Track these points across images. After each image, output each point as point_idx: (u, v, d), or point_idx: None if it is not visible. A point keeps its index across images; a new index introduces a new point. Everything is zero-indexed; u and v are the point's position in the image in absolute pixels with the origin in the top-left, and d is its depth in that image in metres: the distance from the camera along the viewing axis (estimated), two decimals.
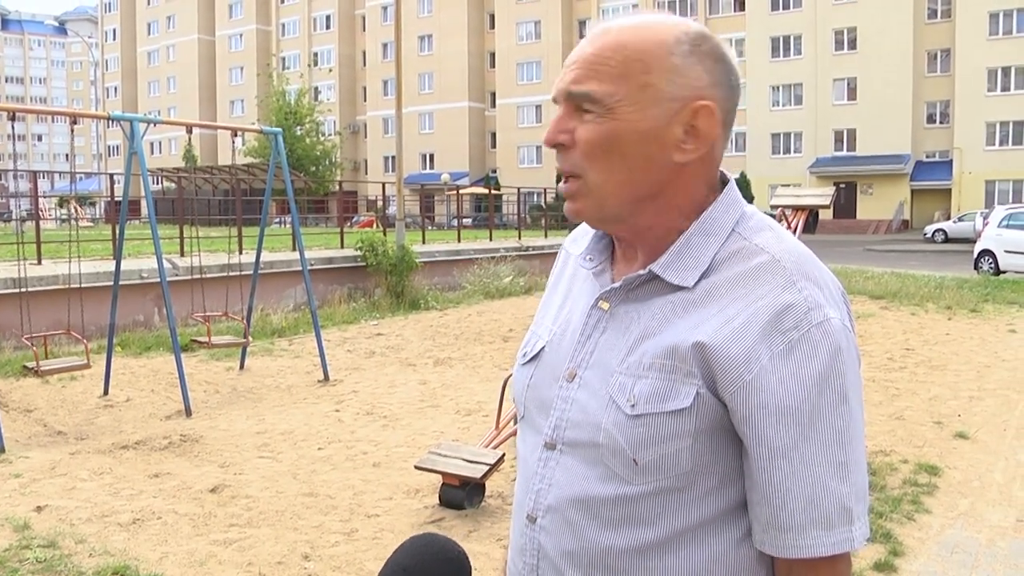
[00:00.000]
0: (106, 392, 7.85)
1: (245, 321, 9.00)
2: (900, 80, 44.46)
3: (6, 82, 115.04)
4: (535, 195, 42.23)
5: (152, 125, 7.79)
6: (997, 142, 42.90)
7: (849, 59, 45.87)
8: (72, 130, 7.26)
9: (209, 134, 64.06)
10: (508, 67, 57.38)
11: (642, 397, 0.99)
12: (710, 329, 0.98)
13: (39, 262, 10.79)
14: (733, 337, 0.96)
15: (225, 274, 10.21)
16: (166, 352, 9.24)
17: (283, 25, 69.76)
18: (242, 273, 9.92)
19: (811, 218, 11.20)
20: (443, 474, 4.71)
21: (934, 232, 37.23)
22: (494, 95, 59.22)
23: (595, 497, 1.03)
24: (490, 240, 19.59)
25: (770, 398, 0.95)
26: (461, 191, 30.51)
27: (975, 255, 18.77)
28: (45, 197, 37.79)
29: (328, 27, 66.90)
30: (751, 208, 1.08)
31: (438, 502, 4.75)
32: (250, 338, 8.95)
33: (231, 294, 9.31)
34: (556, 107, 1.07)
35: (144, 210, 9.18)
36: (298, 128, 43.89)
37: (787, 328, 0.95)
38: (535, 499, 1.09)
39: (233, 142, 9.18)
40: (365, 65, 64.65)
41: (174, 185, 19.07)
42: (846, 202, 45.32)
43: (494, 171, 56.51)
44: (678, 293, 1.02)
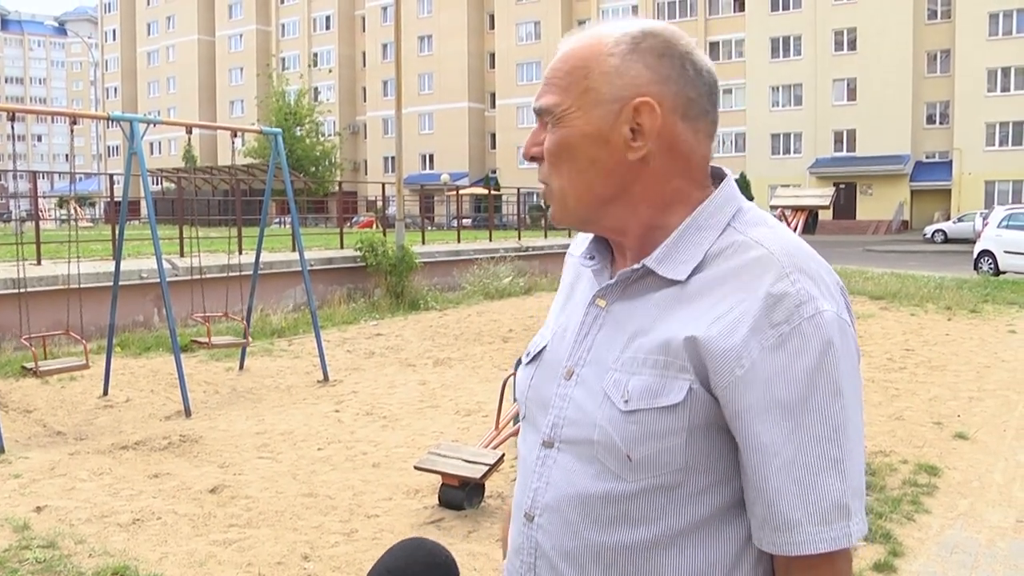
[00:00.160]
0: (106, 392, 7.85)
1: (245, 321, 9.00)
2: (900, 81, 44.50)
3: (6, 82, 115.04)
4: (535, 196, 42.13)
5: (152, 125, 7.79)
6: (997, 143, 42.92)
7: (849, 60, 45.90)
8: (72, 130, 7.25)
9: (209, 134, 64.08)
10: (508, 68, 57.41)
11: (635, 393, 0.99)
12: (702, 324, 0.97)
13: (39, 262, 10.79)
14: (725, 331, 0.96)
15: (225, 274, 10.20)
16: (166, 352, 9.24)
17: (283, 25, 69.78)
18: (242, 273, 9.91)
19: (811, 218, 11.22)
20: (443, 474, 4.71)
21: (934, 233, 37.25)
22: (494, 96, 59.25)
23: (591, 495, 1.02)
24: (490, 240, 19.59)
25: (761, 393, 0.94)
26: (461, 191, 30.52)
27: (975, 255, 18.78)
28: (45, 197, 37.78)
29: (328, 27, 66.92)
30: (749, 204, 1.08)
31: (438, 502, 4.75)
32: (250, 338, 8.95)
33: (231, 294, 9.30)
34: None
35: (144, 210, 9.18)
36: (298, 128, 43.91)
37: (778, 322, 0.94)
38: (533, 498, 1.09)
39: (233, 142, 9.18)
40: (365, 65, 64.68)
41: (174, 185, 19.09)
42: (846, 203, 45.34)
43: (494, 171, 56.52)
44: (672, 288, 1.03)
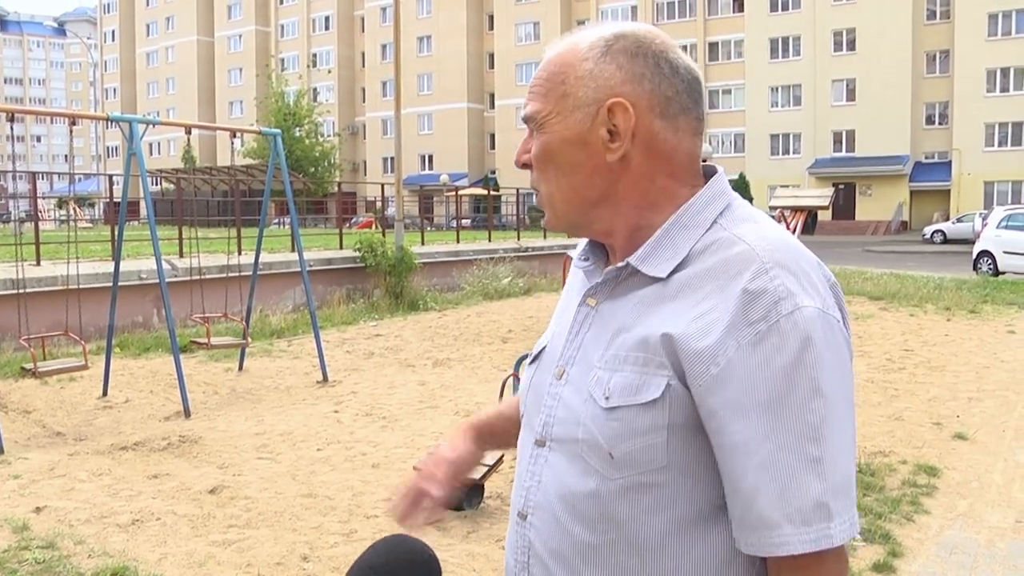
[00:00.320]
0: (105, 393, 7.84)
1: (244, 322, 9.00)
2: (899, 81, 44.52)
3: (5, 83, 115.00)
4: (534, 196, 42.16)
5: (151, 126, 7.78)
6: (996, 143, 42.96)
7: (848, 60, 45.93)
8: (71, 131, 7.25)
9: (208, 135, 64.05)
10: (507, 68, 57.41)
11: (616, 390, 1.00)
12: (681, 321, 0.97)
13: (38, 263, 10.79)
14: (701, 329, 0.95)
15: (224, 275, 10.19)
16: (165, 353, 9.23)
17: (282, 26, 69.79)
18: (241, 274, 9.91)
19: (810, 219, 11.25)
20: None
21: (933, 233, 37.27)
22: (493, 96, 59.26)
23: (577, 493, 1.02)
24: (489, 241, 19.59)
25: (737, 391, 0.93)
26: (460, 192, 30.50)
27: (974, 256, 18.80)
28: (44, 198, 37.75)
29: (327, 28, 66.94)
30: (740, 201, 1.07)
31: None
32: (249, 339, 8.95)
33: (230, 295, 9.30)
34: None
35: (143, 211, 9.18)
36: (297, 129, 43.96)
37: (755, 319, 0.93)
38: (525, 496, 1.10)
39: (232, 143, 9.19)
40: (364, 66, 64.68)
41: (173, 186, 19.08)
42: (845, 203, 45.38)
43: (493, 172, 56.50)
44: (654, 285, 1.02)
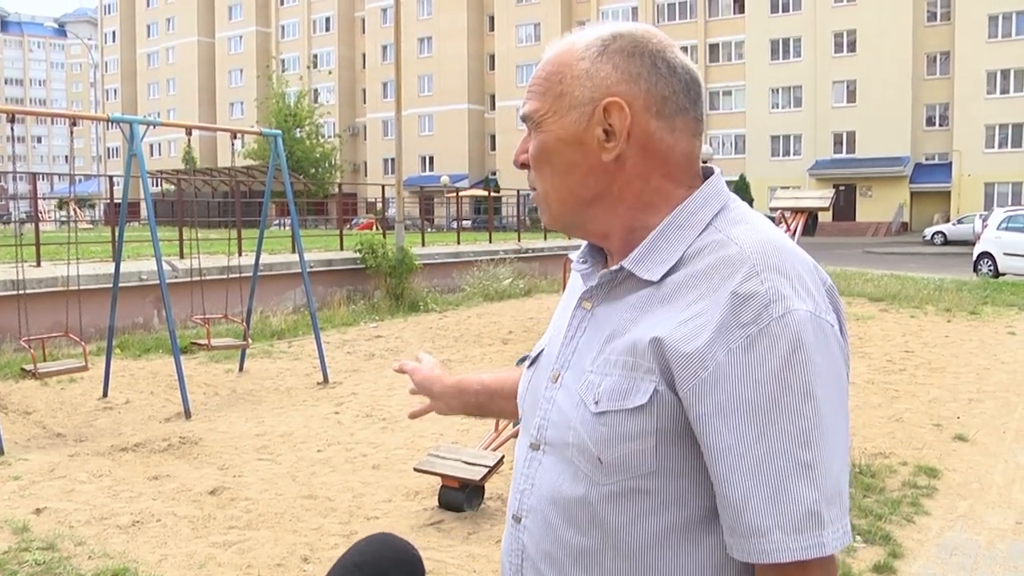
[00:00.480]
0: (105, 394, 7.84)
1: (244, 323, 9.00)
2: (899, 82, 44.54)
3: (5, 84, 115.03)
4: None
5: (151, 127, 7.79)
6: (996, 144, 42.97)
7: (848, 61, 45.94)
8: (71, 132, 7.26)
9: (208, 136, 64.08)
10: (508, 69, 57.42)
11: (605, 394, 0.99)
12: (670, 325, 0.96)
13: (38, 264, 10.78)
14: (690, 333, 0.94)
15: (224, 276, 10.19)
16: (165, 354, 9.23)
17: (283, 27, 69.81)
18: (241, 275, 9.91)
19: (810, 220, 11.24)
20: (442, 476, 4.71)
21: (933, 234, 37.26)
22: (494, 97, 59.26)
23: (568, 498, 1.02)
24: (489, 242, 19.58)
25: (726, 396, 0.91)
26: (461, 193, 30.51)
27: (974, 257, 18.77)
28: (44, 199, 37.78)
29: (328, 29, 66.96)
30: (736, 202, 1.06)
31: (437, 504, 4.75)
32: (249, 340, 8.95)
33: (230, 296, 9.30)
34: None
35: (143, 212, 9.19)
36: (298, 130, 43.93)
37: (746, 322, 0.92)
38: (519, 499, 1.10)
39: (232, 144, 9.19)
40: (365, 67, 64.71)
41: (173, 187, 19.09)
42: (845, 204, 45.39)
43: (494, 173, 56.52)
44: (647, 289, 1.02)
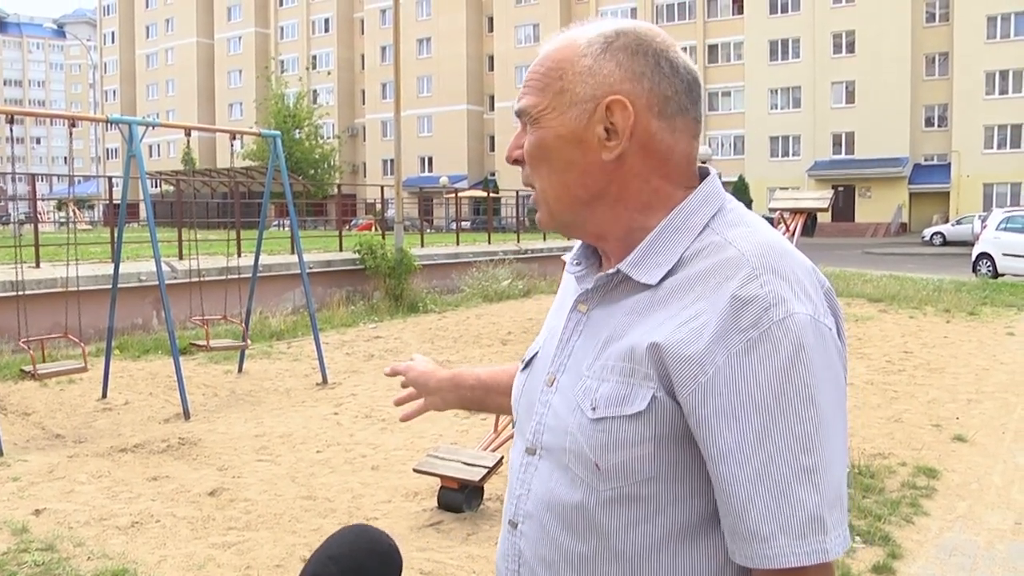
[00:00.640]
0: (104, 395, 7.84)
1: (244, 324, 9.00)
2: (898, 83, 44.56)
3: (4, 85, 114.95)
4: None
5: (151, 128, 7.79)
6: (995, 145, 42.99)
7: (847, 62, 45.97)
8: (71, 133, 7.26)
9: (208, 137, 64.03)
10: (507, 70, 57.42)
11: (603, 400, 0.98)
12: (668, 329, 0.94)
13: (37, 265, 10.78)
14: (689, 337, 0.92)
15: (224, 277, 10.19)
16: (164, 355, 9.23)
17: (282, 28, 69.81)
18: (240, 276, 9.91)
19: (809, 221, 11.24)
20: (442, 477, 4.71)
21: (932, 235, 37.27)
22: (493, 98, 59.26)
23: (565, 503, 1.01)
24: (489, 243, 19.59)
25: (727, 400, 0.90)
26: (460, 194, 30.49)
27: (973, 258, 18.79)
28: (43, 200, 37.76)
29: (327, 30, 66.96)
30: (732, 204, 1.05)
31: (436, 505, 4.75)
32: (248, 341, 8.95)
33: (230, 297, 9.30)
34: None
35: (143, 213, 9.19)
36: (297, 131, 43.96)
37: (746, 326, 0.90)
38: (516, 504, 1.08)
39: (232, 145, 9.20)
40: (364, 68, 64.70)
41: (173, 188, 19.08)
42: (844, 205, 45.39)
43: (493, 174, 56.54)
44: (645, 292, 1.00)
